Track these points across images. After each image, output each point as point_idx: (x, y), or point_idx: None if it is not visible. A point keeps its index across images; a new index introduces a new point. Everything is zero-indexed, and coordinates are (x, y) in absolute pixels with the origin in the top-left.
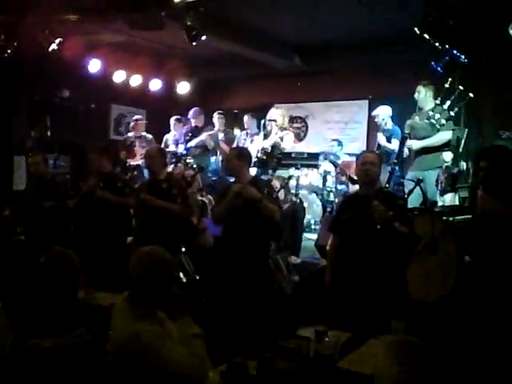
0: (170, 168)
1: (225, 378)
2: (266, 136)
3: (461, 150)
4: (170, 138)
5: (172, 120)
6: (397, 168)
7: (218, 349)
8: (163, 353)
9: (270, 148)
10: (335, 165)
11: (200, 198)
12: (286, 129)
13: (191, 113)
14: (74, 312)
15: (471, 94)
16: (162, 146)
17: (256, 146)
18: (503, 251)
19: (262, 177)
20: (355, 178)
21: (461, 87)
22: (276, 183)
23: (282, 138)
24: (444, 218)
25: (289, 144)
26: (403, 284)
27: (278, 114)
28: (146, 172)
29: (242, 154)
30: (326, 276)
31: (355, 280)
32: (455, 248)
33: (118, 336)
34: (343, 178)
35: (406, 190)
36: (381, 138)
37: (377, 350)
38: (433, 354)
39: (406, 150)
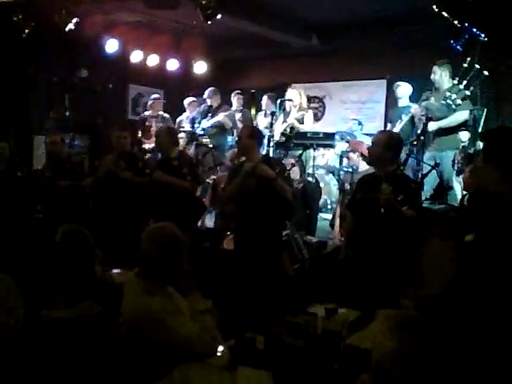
0: (181, 147)
1: (233, 352)
2: (285, 116)
3: (480, 129)
4: (183, 118)
5: (186, 101)
6: (415, 150)
7: (228, 324)
8: (173, 327)
9: (288, 129)
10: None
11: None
12: (305, 108)
13: (207, 93)
14: (86, 286)
15: (486, 72)
16: (176, 127)
17: (278, 128)
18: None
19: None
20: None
21: (477, 66)
22: (287, 162)
23: (301, 120)
24: None
25: (309, 124)
26: (413, 265)
27: (294, 93)
28: (159, 156)
29: (253, 132)
30: (340, 252)
31: (365, 258)
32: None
33: (129, 310)
34: (354, 156)
35: (424, 171)
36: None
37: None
38: (435, 329)
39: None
